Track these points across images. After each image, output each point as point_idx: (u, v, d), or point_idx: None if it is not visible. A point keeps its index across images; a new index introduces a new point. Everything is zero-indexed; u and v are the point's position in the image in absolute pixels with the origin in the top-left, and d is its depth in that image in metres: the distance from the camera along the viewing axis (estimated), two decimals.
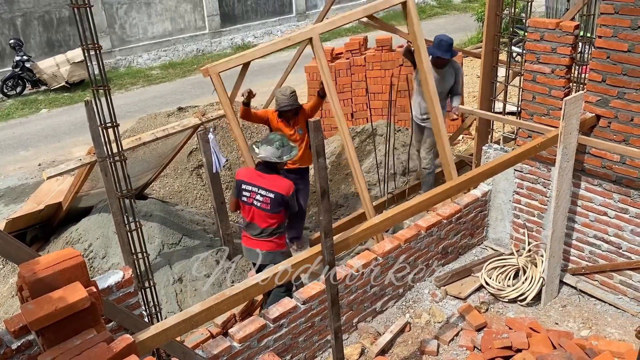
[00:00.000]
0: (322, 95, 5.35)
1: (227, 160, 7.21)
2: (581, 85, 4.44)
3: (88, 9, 2.62)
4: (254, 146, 4.41)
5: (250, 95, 5.06)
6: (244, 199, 4.38)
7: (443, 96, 5.87)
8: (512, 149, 4.40)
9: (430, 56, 5.62)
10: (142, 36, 15.23)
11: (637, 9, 3.70)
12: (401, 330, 4.25)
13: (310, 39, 4.47)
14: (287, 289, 4.52)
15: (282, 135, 4.47)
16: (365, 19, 4.76)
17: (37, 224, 6.06)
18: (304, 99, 10.59)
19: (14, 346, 2.70)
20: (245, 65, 4.38)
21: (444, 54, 5.75)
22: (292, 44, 4.45)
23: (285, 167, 5.17)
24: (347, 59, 8.74)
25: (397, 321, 4.32)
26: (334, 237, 2.92)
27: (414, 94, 6.24)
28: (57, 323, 1.98)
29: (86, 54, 2.74)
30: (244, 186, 4.38)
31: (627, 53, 3.85)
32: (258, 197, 4.32)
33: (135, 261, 3.14)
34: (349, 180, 7.23)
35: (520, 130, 4.73)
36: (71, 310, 1.99)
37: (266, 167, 4.34)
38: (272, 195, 4.26)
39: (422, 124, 6.24)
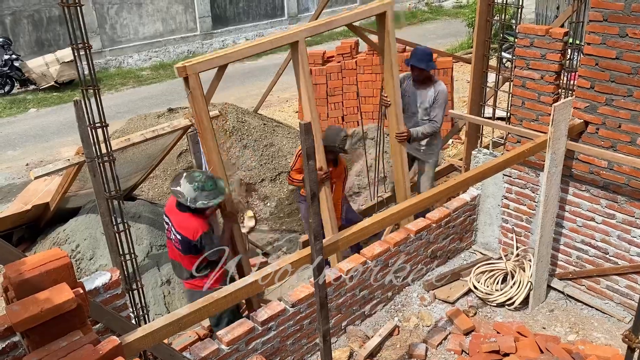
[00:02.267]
0: None
1: None
2: (570, 92, 4.48)
3: (78, 7, 2.60)
4: (182, 174, 3.86)
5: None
6: (166, 232, 4.01)
7: (420, 116, 5.32)
8: (501, 154, 4.43)
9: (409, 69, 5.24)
10: (133, 37, 15.16)
11: (625, 17, 3.75)
12: (390, 334, 4.25)
13: (296, 43, 4.17)
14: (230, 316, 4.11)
15: (211, 177, 3.85)
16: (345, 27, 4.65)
17: (24, 224, 6.00)
18: (294, 103, 10.60)
19: None
20: (223, 67, 3.92)
21: (419, 63, 5.11)
22: (276, 46, 4.05)
23: None
24: (339, 62, 8.76)
25: (386, 325, 4.32)
26: (323, 240, 2.92)
27: None
28: (43, 324, 1.96)
29: (76, 54, 2.72)
30: (165, 217, 4.00)
31: (616, 60, 3.89)
32: (171, 234, 3.93)
33: (123, 263, 3.12)
34: None
35: (510, 135, 4.76)
36: (57, 311, 1.97)
37: (181, 206, 3.82)
38: (179, 237, 3.84)
39: (415, 155, 5.60)
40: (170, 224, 3.92)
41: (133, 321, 3.23)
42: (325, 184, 4.65)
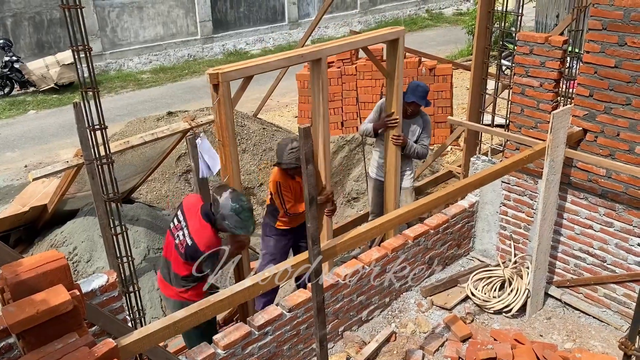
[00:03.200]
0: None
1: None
2: (569, 100, 4.49)
3: (79, 10, 2.61)
4: (228, 188, 3.70)
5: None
6: (171, 226, 3.83)
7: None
8: (500, 161, 4.43)
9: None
10: (134, 40, 15.19)
11: (624, 26, 3.76)
12: (387, 340, 4.24)
13: (319, 60, 4.18)
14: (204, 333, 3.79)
15: (251, 209, 3.67)
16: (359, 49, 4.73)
17: (21, 226, 5.99)
18: (294, 108, 10.61)
19: None
20: (249, 77, 3.88)
21: (420, 100, 5.10)
22: (305, 60, 4.18)
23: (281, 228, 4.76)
24: (339, 67, 8.79)
25: (383, 330, 4.31)
26: (321, 245, 2.91)
27: (375, 151, 5.56)
28: (38, 326, 1.95)
29: (76, 56, 2.72)
30: (179, 213, 3.82)
31: (614, 69, 3.90)
32: (180, 233, 3.73)
33: (120, 265, 3.11)
34: (337, 189, 7.24)
35: (508, 142, 4.77)
36: (53, 313, 1.96)
37: (206, 215, 3.66)
38: (189, 241, 3.65)
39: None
40: (184, 223, 3.72)
41: (129, 324, 3.22)
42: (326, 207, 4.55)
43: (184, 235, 3.70)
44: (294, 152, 4.42)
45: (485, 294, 4.58)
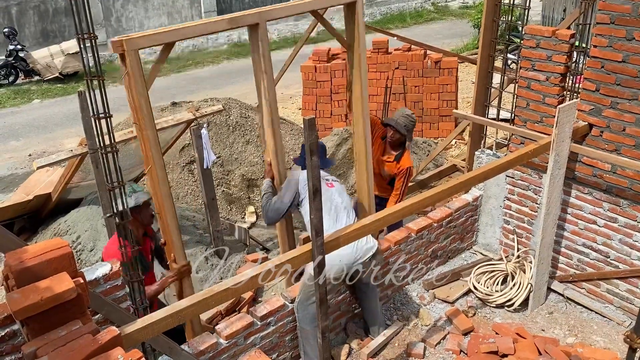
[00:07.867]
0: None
1: (218, 157, 7.19)
2: (575, 94, 4.46)
3: None
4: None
5: None
6: None
7: None
8: (505, 155, 4.42)
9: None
10: (138, 30, 15.15)
11: (632, 20, 3.73)
12: (395, 334, 4.22)
13: (256, 25, 3.52)
14: None
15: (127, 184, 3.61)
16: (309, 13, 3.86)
17: (26, 214, 6.02)
18: (298, 100, 10.59)
19: None
20: (169, 46, 3.27)
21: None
22: (234, 26, 3.46)
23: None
24: (343, 59, 8.76)
25: (392, 325, 4.29)
26: (325, 237, 2.91)
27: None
28: (42, 313, 1.96)
29: (81, 44, 2.71)
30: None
31: (622, 63, 3.87)
32: None
33: (124, 254, 3.11)
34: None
35: (514, 136, 4.75)
36: (57, 300, 1.97)
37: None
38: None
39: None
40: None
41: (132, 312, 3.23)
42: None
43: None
44: (406, 118, 4.83)
45: (487, 287, 4.58)
